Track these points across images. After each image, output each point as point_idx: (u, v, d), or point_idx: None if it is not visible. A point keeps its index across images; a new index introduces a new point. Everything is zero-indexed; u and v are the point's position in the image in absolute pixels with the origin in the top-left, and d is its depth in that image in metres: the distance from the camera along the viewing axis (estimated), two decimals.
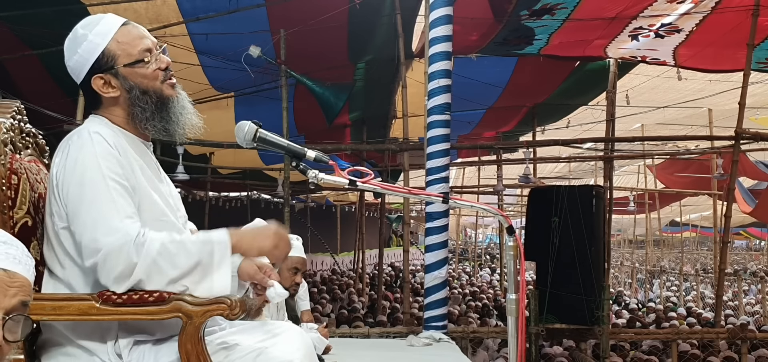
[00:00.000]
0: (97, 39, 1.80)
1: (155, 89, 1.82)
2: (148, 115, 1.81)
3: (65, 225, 1.73)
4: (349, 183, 1.83)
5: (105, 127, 1.79)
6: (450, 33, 4.61)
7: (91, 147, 1.71)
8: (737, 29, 6.18)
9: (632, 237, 28.54)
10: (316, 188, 13.84)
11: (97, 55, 1.79)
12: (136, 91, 1.80)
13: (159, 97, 1.82)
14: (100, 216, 1.65)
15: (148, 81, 1.81)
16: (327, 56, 7.09)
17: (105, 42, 1.80)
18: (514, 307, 1.89)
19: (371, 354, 4.11)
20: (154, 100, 1.82)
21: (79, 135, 1.76)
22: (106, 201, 1.66)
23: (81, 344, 1.76)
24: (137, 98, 1.80)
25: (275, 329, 1.84)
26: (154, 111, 1.82)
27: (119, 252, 1.62)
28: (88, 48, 1.80)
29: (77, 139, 1.74)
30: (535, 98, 9.49)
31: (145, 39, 1.83)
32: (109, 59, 1.79)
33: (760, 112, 10.24)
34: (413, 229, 23.15)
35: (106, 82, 1.81)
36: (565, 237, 5.80)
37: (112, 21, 1.84)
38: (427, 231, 4.79)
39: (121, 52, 1.80)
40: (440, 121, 4.65)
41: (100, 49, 1.79)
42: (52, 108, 6.45)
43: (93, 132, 1.75)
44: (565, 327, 5.97)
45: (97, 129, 1.76)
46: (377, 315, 9.19)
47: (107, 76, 1.80)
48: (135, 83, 1.80)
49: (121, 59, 1.79)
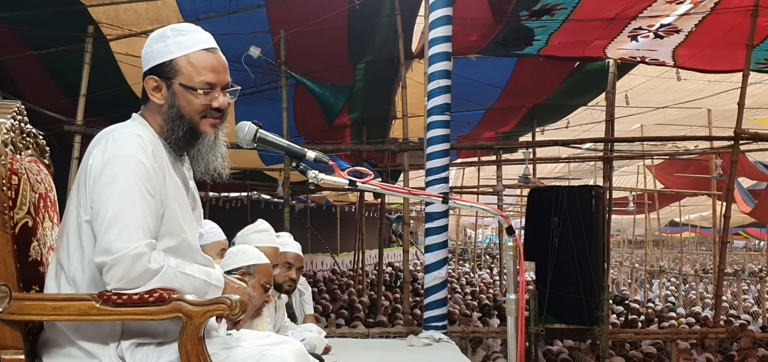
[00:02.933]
0: (173, 47, 1.83)
1: (192, 119, 1.84)
2: (176, 137, 1.84)
3: (89, 218, 1.73)
4: (349, 183, 1.84)
5: (145, 129, 1.81)
6: (450, 34, 4.61)
7: (129, 149, 1.72)
8: (736, 30, 6.19)
9: (632, 237, 28.56)
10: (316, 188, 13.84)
11: (164, 59, 1.82)
12: (176, 111, 1.83)
13: (192, 128, 1.84)
14: (124, 221, 1.66)
15: (191, 109, 1.83)
16: (327, 57, 7.09)
17: (178, 54, 1.82)
18: (514, 307, 1.90)
19: (371, 354, 4.12)
20: (186, 128, 1.84)
21: (121, 132, 1.77)
22: (133, 209, 1.67)
23: (82, 346, 1.76)
24: (173, 117, 1.83)
25: (278, 338, 1.90)
26: (183, 137, 1.84)
27: (131, 265, 1.64)
28: (162, 49, 1.83)
29: (118, 136, 1.75)
30: (534, 99, 9.49)
31: (215, 74, 1.84)
32: (171, 70, 1.82)
33: (759, 113, 10.25)
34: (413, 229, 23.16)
35: (158, 87, 1.83)
36: (564, 238, 5.81)
37: (199, 39, 1.85)
38: (426, 232, 4.79)
39: (186, 71, 1.82)
40: (440, 121, 4.66)
41: (169, 57, 1.82)
42: (53, 108, 6.46)
43: (134, 134, 1.76)
44: (565, 327, 5.97)
45: (138, 131, 1.78)
46: (377, 315, 9.20)
47: (161, 82, 1.83)
48: (179, 104, 1.82)
49: (180, 77, 1.82)
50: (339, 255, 19.36)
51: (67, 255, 1.77)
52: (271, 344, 1.84)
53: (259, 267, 2.64)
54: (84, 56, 5.93)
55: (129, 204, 1.67)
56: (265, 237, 2.99)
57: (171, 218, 1.79)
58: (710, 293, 13.91)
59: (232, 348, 1.79)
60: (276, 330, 3.12)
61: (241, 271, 2.50)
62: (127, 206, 1.67)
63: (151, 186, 1.73)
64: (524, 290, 1.94)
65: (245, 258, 2.64)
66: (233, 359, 1.77)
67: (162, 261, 1.69)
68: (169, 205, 1.78)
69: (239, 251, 2.70)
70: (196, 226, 1.95)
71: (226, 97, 1.87)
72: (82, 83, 5.96)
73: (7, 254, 1.74)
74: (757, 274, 20.70)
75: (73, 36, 5.98)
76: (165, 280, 1.68)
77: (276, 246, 3.08)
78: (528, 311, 5.64)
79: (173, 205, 1.80)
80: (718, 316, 6.81)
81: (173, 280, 1.70)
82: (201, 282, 1.78)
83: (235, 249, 2.76)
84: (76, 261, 1.76)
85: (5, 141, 1.82)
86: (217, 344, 1.79)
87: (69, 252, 1.77)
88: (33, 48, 6.24)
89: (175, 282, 1.70)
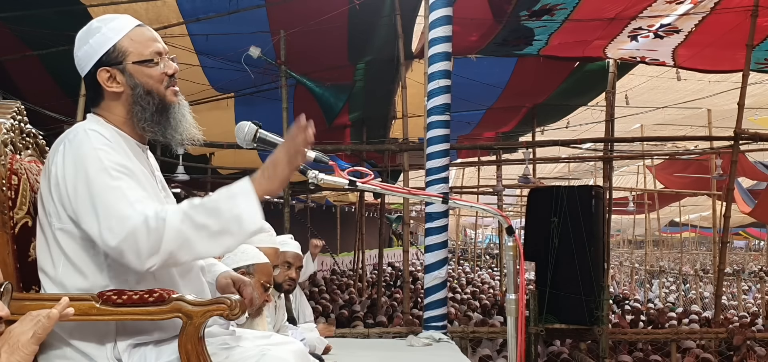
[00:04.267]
0: (110, 33, 1.81)
1: (159, 92, 1.82)
2: (147, 115, 1.81)
3: (62, 226, 1.71)
4: (349, 183, 1.84)
5: (101, 125, 1.79)
6: (450, 34, 4.62)
7: (88, 144, 1.70)
8: (736, 30, 6.19)
9: (632, 237, 28.56)
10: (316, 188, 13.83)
11: (107, 47, 1.80)
12: (140, 90, 1.80)
13: (161, 100, 1.82)
14: (111, 206, 1.63)
15: (154, 82, 1.81)
16: (327, 57, 7.10)
17: (118, 37, 1.81)
18: (513, 307, 1.89)
19: (371, 354, 4.12)
20: (156, 102, 1.82)
21: (75, 133, 1.74)
22: (113, 191, 1.64)
23: (78, 347, 1.74)
24: (140, 97, 1.80)
25: (277, 337, 1.88)
26: (154, 113, 1.81)
27: (139, 232, 1.60)
28: (100, 40, 1.81)
29: (73, 138, 1.73)
30: (534, 99, 9.49)
31: (157, 43, 1.85)
32: (119, 54, 1.80)
33: (759, 113, 10.24)
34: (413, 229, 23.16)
35: (112, 76, 1.81)
36: (564, 238, 5.81)
37: (128, 20, 1.85)
38: (426, 232, 4.79)
39: (133, 49, 1.80)
40: (440, 121, 4.66)
41: (111, 43, 1.80)
42: (52, 108, 6.46)
43: (89, 129, 1.74)
44: (564, 327, 5.97)
45: (93, 127, 1.76)
46: (377, 315, 9.20)
47: (114, 70, 1.80)
48: (140, 82, 1.80)
49: (131, 56, 1.80)
50: (339, 255, 19.37)
51: (51, 263, 1.75)
52: (271, 344, 1.83)
53: (259, 266, 2.64)
54: None
55: (108, 189, 1.64)
56: (264, 237, 2.99)
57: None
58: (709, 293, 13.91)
59: (231, 348, 1.79)
60: (276, 330, 3.12)
61: (241, 271, 2.50)
62: (107, 192, 1.64)
63: (120, 163, 1.70)
64: (524, 290, 1.94)
65: (245, 258, 2.64)
66: (233, 359, 1.77)
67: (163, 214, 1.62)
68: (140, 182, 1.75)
69: (239, 250, 2.70)
70: None
71: (174, 63, 1.86)
72: (82, 83, 5.95)
73: (7, 254, 1.74)
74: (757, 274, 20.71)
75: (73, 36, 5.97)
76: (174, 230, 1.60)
77: (276, 246, 3.08)
78: (528, 311, 5.65)
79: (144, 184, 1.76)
80: (718, 316, 6.81)
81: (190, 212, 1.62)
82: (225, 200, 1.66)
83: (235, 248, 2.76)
84: (62, 266, 1.74)
85: (5, 141, 1.83)
86: (217, 344, 1.79)
87: (53, 260, 1.75)
88: (33, 48, 6.24)
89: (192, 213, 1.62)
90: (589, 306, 5.68)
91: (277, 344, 1.84)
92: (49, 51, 6.16)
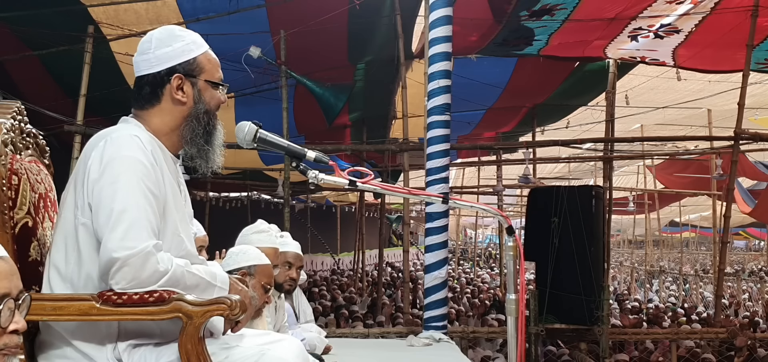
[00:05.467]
0: (192, 46, 1.89)
1: (213, 115, 1.92)
2: (198, 133, 1.88)
3: (84, 221, 1.72)
4: (349, 183, 1.84)
5: (143, 132, 1.81)
6: (450, 34, 4.61)
7: (129, 150, 1.72)
8: (736, 30, 6.19)
9: (632, 237, 28.55)
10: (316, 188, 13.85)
11: (189, 57, 1.87)
12: (202, 107, 1.88)
13: (212, 123, 1.91)
14: (130, 221, 1.65)
15: (213, 105, 1.91)
16: (327, 57, 7.10)
17: (199, 52, 1.89)
18: (514, 307, 1.90)
19: (371, 354, 4.12)
20: (211, 124, 1.90)
21: (119, 134, 1.77)
22: (138, 209, 1.67)
23: (79, 347, 1.75)
24: (199, 114, 1.88)
25: (276, 336, 1.90)
26: (204, 133, 1.89)
27: (140, 266, 1.64)
28: (183, 48, 1.87)
29: (116, 138, 1.75)
30: (534, 99, 9.49)
31: (221, 72, 1.95)
32: (196, 68, 1.88)
33: (759, 113, 10.24)
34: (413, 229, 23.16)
35: (181, 85, 1.86)
36: (564, 238, 5.81)
37: (203, 41, 1.94)
38: (427, 232, 4.79)
39: (208, 68, 1.90)
40: (440, 121, 4.66)
41: (193, 55, 1.88)
42: (53, 108, 6.47)
43: (132, 135, 1.76)
44: (564, 327, 5.97)
45: (136, 132, 1.78)
46: (377, 315, 9.20)
47: (186, 80, 1.86)
48: (204, 99, 1.88)
49: (205, 74, 1.89)
50: (339, 255, 19.37)
51: (64, 257, 1.76)
52: (271, 343, 1.84)
53: (260, 267, 2.64)
54: (84, 56, 5.93)
55: (133, 204, 1.67)
56: (265, 238, 2.99)
57: (169, 218, 1.79)
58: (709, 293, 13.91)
59: (231, 348, 1.79)
60: (276, 330, 3.12)
61: (241, 272, 2.50)
62: (132, 206, 1.66)
63: (153, 184, 1.73)
64: (524, 290, 1.94)
65: (246, 259, 2.64)
66: (233, 359, 1.77)
67: (169, 263, 1.69)
68: (167, 205, 1.78)
69: (240, 252, 2.70)
70: (189, 226, 1.96)
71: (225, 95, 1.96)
72: (82, 83, 5.96)
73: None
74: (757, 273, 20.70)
75: (73, 36, 5.99)
76: (172, 282, 1.68)
77: (276, 247, 3.08)
78: (528, 311, 5.65)
79: (170, 205, 1.80)
80: (718, 316, 6.81)
81: (180, 281, 1.70)
82: (206, 284, 1.79)
83: (236, 249, 2.76)
84: (73, 262, 1.75)
85: (5, 141, 1.82)
86: (217, 344, 1.79)
87: (66, 254, 1.76)
88: (33, 48, 6.24)
89: (180, 284, 1.70)
90: (589, 306, 5.68)
91: (277, 343, 1.85)
92: (49, 51, 6.16)
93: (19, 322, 1.24)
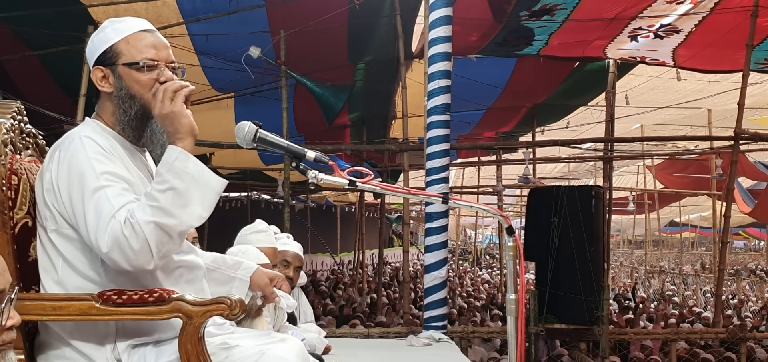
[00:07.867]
0: (111, 34, 1.84)
1: (143, 98, 1.81)
2: (127, 119, 1.82)
3: (56, 228, 1.73)
4: (348, 183, 1.84)
5: (97, 132, 1.80)
6: (450, 34, 4.61)
7: (83, 152, 1.71)
8: (736, 30, 6.19)
9: (632, 237, 28.56)
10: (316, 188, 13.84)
11: (105, 47, 1.83)
12: (124, 93, 1.81)
13: (144, 107, 1.81)
14: (99, 215, 1.65)
15: (139, 87, 1.81)
16: (327, 57, 7.10)
17: (116, 38, 1.83)
18: (514, 307, 1.89)
19: (371, 354, 4.12)
20: (138, 107, 1.82)
21: (71, 140, 1.75)
22: (103, 200, 1.66)
23: (78, 347, 1.75)
24: (122, 100, 1.81)
25: (277, 336, 1.89)
26: (134, 118, 1.82)
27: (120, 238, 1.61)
28: (102, 39, 1.85)
29: (68, 145, 1.74)
30: (534, 99, 9.49)
31: (156, 51, 1.83)
32: (113, 55, 1.82)
33: (759, 113, 10.25)
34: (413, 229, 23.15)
35: (105, 76, 1.83)
36: (564, 238, 5.81)
37: (134, 23, 1.87)
38: (426, 232, 4.79)
39: (126, 52, 1.82)
40: (440, 121, 4.66)
41: (109, 43, 1.83)
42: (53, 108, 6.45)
43: (83, 136, 1.75)
44: (564, 327, 5.97)
45: (88, 133, 1.77)
46: (377, 315, 9.20)
47: (107, 70, 1.83)
48: (126, 85, 1.81)
49: (122, 58, 1.82)
50: (339, 255, 19.37)
51: (51, 264, 1.77)
52: (271, 342, 1.83)
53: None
54: (84, 56, 5.92)
55: (98, 198, 1.65)
56: (263, 238, 2.99)
57: None
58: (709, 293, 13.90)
59: (231, 348, 1.79)
60: (276, 330, 3.11)
61: None
62: (97, 200, 1.65)
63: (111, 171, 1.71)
64: (524, 290, 1.94)
65: (246, 259, 2.64)
66: (233, 359, 1.77)
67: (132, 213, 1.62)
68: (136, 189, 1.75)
69: (239, 252, 2.70)
70: None
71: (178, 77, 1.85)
72: (82, 83, 5.96)
73: (7, 254, 1.74)
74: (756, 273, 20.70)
75: (73, 36, 5.98)
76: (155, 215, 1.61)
77: (275, 246, 3.08)
78: (528, 311, 5.64)
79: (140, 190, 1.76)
80: (718, 316, 6.81)
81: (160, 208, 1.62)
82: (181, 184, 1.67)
83: (235, 249, 2.76)
84: (61, 265, 1.76)
85: (5, 141, 1.82)
86: (217, 344, 1.79)
87: (52, 261, 1.77)
88: (33, 48, 6.24)
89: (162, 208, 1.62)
90: (589, 306, 5.68)
91: (277, 343, 1.84)
92: (49, 51, 6.16)
93: (15, 317, 1.27)
